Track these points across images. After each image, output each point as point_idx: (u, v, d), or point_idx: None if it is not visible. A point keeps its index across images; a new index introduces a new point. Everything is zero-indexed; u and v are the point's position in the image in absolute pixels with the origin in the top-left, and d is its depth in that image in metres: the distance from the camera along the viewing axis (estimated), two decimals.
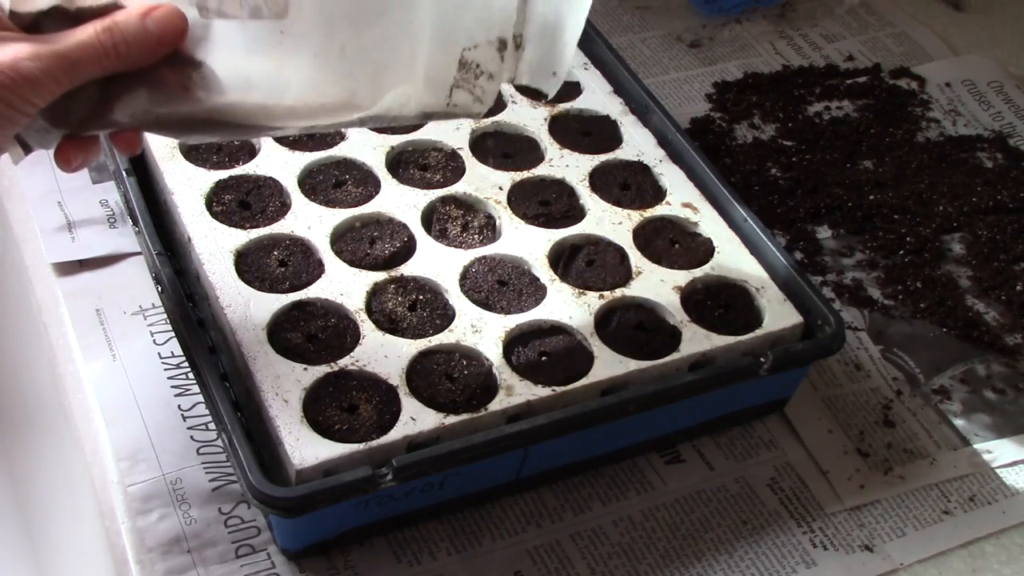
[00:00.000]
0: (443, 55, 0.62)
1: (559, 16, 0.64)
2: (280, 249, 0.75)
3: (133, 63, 0.58)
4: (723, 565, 0.71)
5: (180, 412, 0.73)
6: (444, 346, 0.70)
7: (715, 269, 0.78)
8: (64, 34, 0.57)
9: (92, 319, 0.78)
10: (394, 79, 0.62)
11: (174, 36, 0.58)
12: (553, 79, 0.65)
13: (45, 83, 0.55)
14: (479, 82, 0.63)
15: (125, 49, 0.57)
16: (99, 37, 0.56)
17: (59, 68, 0.55)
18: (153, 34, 0.58)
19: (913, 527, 0.74)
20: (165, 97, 0.60)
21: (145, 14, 0.57)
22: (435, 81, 0.63)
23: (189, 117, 0.61)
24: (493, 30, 0.63)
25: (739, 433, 0.78)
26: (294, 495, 0.62)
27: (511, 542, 0.70)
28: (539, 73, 0.65)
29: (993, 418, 0.82)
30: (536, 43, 0.64)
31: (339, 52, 0.61)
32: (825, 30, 1.17)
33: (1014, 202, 0.98)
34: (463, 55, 0.62)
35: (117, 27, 0.57)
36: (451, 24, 0.62)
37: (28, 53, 0.54)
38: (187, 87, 0.60)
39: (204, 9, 0.58)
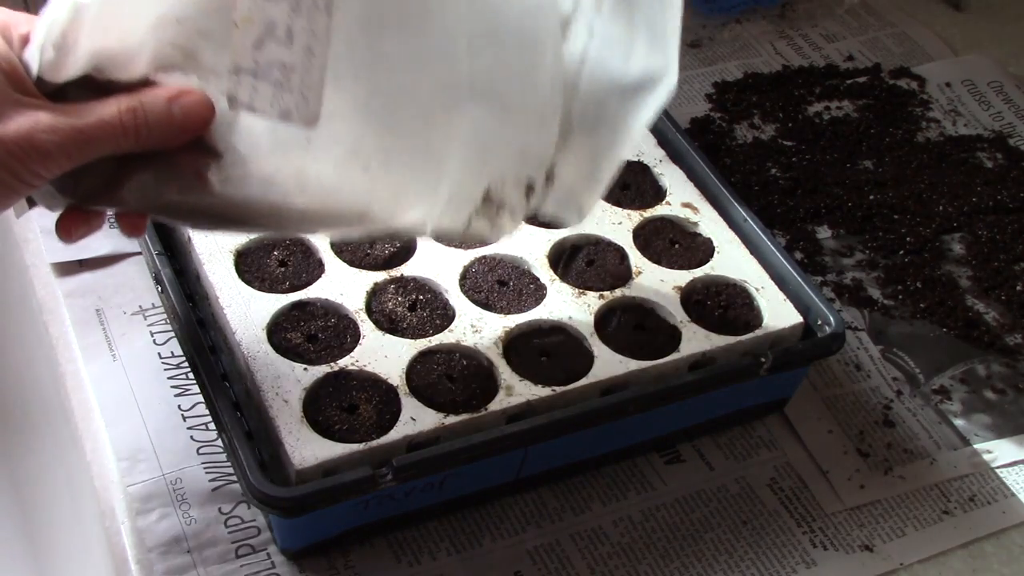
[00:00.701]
0: (468, 184, 0.61)
1: (596, 156, 0.62)
2: (280, 249, 0.75)
3: (152, 146, 0.55)
4: (723, 565, 0.71)
5: (180, 412, 0.73)
6: (444, 346, 0.70)
7: (715, 269, 0.78)
8: (86, 107, 0.54)
9: (92, 319, 0.78)
10: (414, 201, 0.61)
11: (199, 124, 0.56)
12: (577, 214, 0.64)
13: (57, 158, 0.53)
14: (500, 217, 0.62)
15: (146, 132, 0.54)
16: (121, 116, 0.54)
17: (74, 144, 0.53)
18: (178, 120, 0.55)
19: (913, 527, 0.74)
20: (179, 184, 0.57)
21: (173, 98, 0.55)
22: (455, 207, 0.61)
23: (198, 207, 0.58)
24: (524, 170, 0.62)
25: (739, 433, 0.78)
26: (294, 495, 0.62)
27: (511, 542, 0.70)
28: (565, 206, 0.64)
29: (993, 418, 0.82)
30: (569, 178, 0.63)
31: (363, 168, 0.59)
32: (825, 30, 1.17)
33: (1014, 202, 0.98)
34: (489, 189, 0.61)
35: (142, 108, 0.54)
36: (482, 160, 0.60)
37: (46, 125, 0.52)
38: (203, 177, 0.57)
39: (234, 101, 0.56)
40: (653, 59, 0.61)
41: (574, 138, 0.62)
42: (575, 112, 0.62)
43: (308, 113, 0.56)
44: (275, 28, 0.55)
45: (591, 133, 0.63)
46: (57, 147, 0.52)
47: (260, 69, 0.55)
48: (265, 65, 0.55)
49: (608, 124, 0.62)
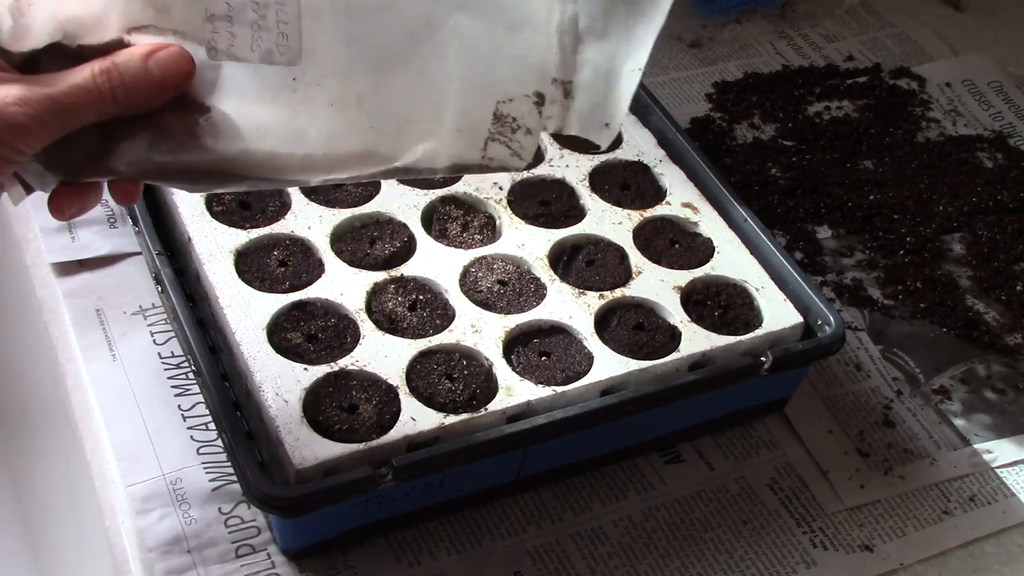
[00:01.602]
0: (474, 108, 0.58)
1: (613, 64, 0.59)
2: (280, 249, 0.75)
3: (133, 108, 0.53)
4: (723, 565, 0.71)
5: (180, 412, 0.73)
6: (444, 346, 0.70)
7: (715, 269, 0.78)
8: (59, 75, 0.52)
9: (92, 319, 0.78)
10: (419, 132, 0.58)
11: (179, 79, 0.54)
12: (606, 130, 0.60)
13: (34, 130, 0.50)
14: (516, 136, 0.59)
15: (124, 93, 0.52)
16: (96, 80, 0.52)
17: (49, 114, 0.51)
18: (156, 77, 0.53)
19: (913, 527, 0.74)
20: (169, 144, 0.55)
21: (148, 55, 0.53)
22: (467, 134, 0.58)
23: (194, 166, 0.56)
24: (528, 84, 0.59)
25: (739, 433, 0.78)
26: (294, 495, 0.62)
27: (511, 542, 0.70)
28: (590, 124, 0.60)
29: (993, 418, 0.82)
30: (587, 92, 0.59)
31: (357, 103, 0.56)
32: (825, 30, 1.17)
33: (1014, 202, 0.98)
34: (497, 108, 0.58)
35: (116, 69, 0.52)
36: (481, 77, 0.58)
37: (16, 97, 0.50)
38: (194, 134, 0.55)
39: (213, 50, 0.54)
40: None
41: (585, 50, 0.59)
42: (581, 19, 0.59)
43: (289, 51, 0.55)
44: None
45: (602, 39, 0.59)
46: (32, 119, 0.50)
47: (234, 12, 0.54)
48: (238, 7, 0.54)
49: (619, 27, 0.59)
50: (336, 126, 0.57)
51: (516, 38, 0.58)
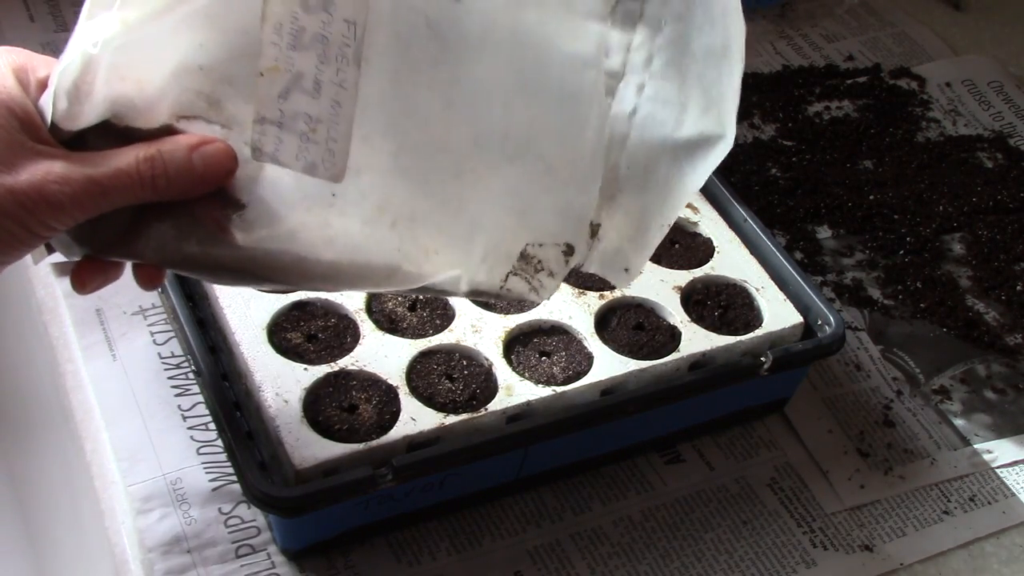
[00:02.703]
0: (504, 246, 0.59)
1: (645, 215, 0.60)
2: None
3: (171, 197, 0.53)
4: (723, 565, 0.71)
5: (180, 412, 0.73)
6: (444, 346, 0.70)
7: (715, 269, 0.78)
8: (103, 156, 0.51)
9: (92, 319, 0.78)
10: (446, 262, 0.58)
11: (221, 175, 0.53)
12: (624, 275, 0.62)
13: (70, 209, 0.50)
14: (539, 276, 0.60)
15: (165, 183, 0.52)
16: (139, 166, 0.51)
17: (88, 195, 0.50)
18: (198, 170, 0.52)
19: (913, 527, 0.74)
20: (199, 236, 0.54)
21: (194, 147, 0.52)
22: (491, 266, 0.59)
23: (220, 262, 0.55)
24: (562, 236, 0.59)
25: (739, 433, 0.78)
26: (294, 495, 0.62)
27: (511, 542, 0.70)
28: (611, 266, 0.61)
29: (993, 418, 0.82)
30: (615, 237, 0.60)
31: (391, 225, 0.56)
32: (825, 30, 1.17)
33: (1014, 202, 0.98)
34: (526, 248, 0.59)
35: (161, 157, 0.52)
36: (518, 222, 0.58)
37: (57, 176, 0.49)
38: (224, 229, 0.54)
39: (258, 151, 0.54)
40: (707, 120, 0.58)
41: (622, 198, 0.60)
42: (622, 171, 0.60)
43: (334, 167, 0.54)
44: (302, 79, 0.53)
45: (640, 193, 0.60)
46: (69, 198, 0.50)
47: (285, 120, 0.53)
48: (290, 116, 0.53)
49: (658, 185, 0.60)
50: (366, 243, 0.57)
51: (559, 191, 0.59)
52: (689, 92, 0.58)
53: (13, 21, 0.99)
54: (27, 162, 0.50)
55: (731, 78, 0.57)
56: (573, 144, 0.58)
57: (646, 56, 0.58)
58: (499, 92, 0.56)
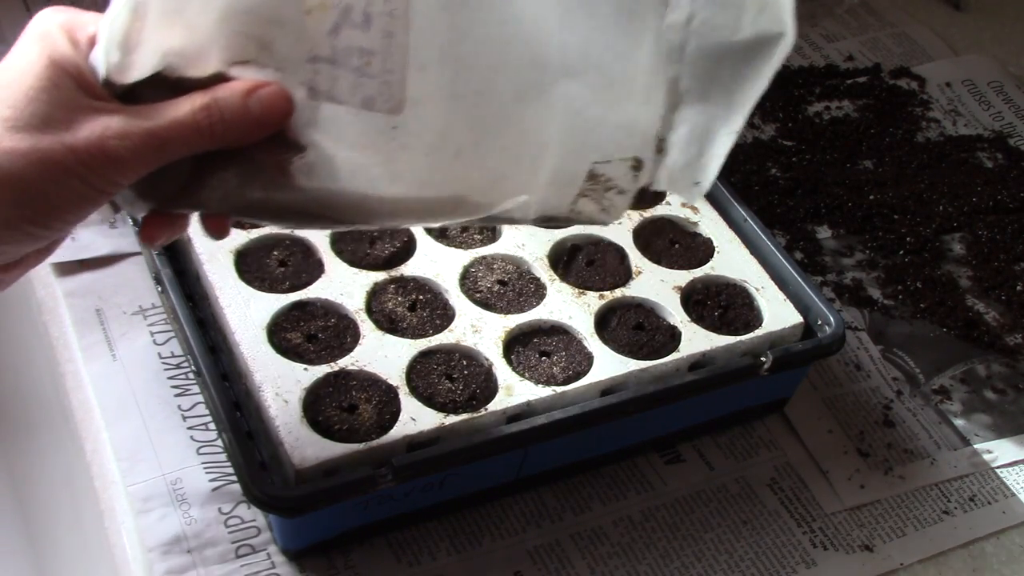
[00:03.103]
0: (571, 166, 0.58)
1: (711, 125, 0.59)
2: (280, 249, 0.75)
3: (230, 143, 0.52)
4: (723, 565, 0.71)
5: (180, 412, 0.73)
6: (444, 346, 0.70)
7: (715, 269, 0.78)
8: (158, 108, 0.51)
9: (92, 319, 0.78)
10: (513, 186, 0.57)
11: (277, 118, 0.52)
12: (696, 188, 0.60)
13: (131, 163, 0.50)
14: (608, 195, 0.59)
15: (222, 130, 0.51)
16: (196, 115, 0.51)
17: (148, 148, 0.50)
18: (255, 115, 0.52)
19: (913, 527, 0.74)
20: (261, 182, 0.54)
21: (249, 92, 0.51)
22: (559, 188, 0.58)
23: (284, 205, 0.55)
24: (629, 149, 0.58)
25: (739, 433, 0.78)
26: (294, 495, 0.62)
27: (511, 542, 0.70)
28: (680, 181, 0.60)
29: (993, 418, 0.82)
30: (682, 151, 0.59)
31: (455, 154, 0.55)
32: (825, 30, 1.17)
33: (1014, 202, 0.98)
34: (593, 167, 0.58)
35: (216, 105, 0.51)
36: (583, 139, 0.57)
37: (116, 131, 0.49)
38: (286, 172, 0.54)
39: (313, 91, 0.53)
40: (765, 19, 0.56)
41: (685, 109, 0.58)
42: (683, 82, 0.58)
43: (392, 100, 0.53)
44: (351, 12, 0.51)
45: (703, 103, 0.58)
46: (130, 152, 0.50)
47: (338, 56, 0.52)
48: (343, 52, 0.52)
49: (721, 90, 0.58)
50: (431, 175, 0.56)
51: (622, 105, 0.57)
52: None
53: (13, 21, 0.99)
54: (85, 119, 0.49)
55: None
56: (632, 55, 0.57)
57: None
58: (553, 9, 0.55)
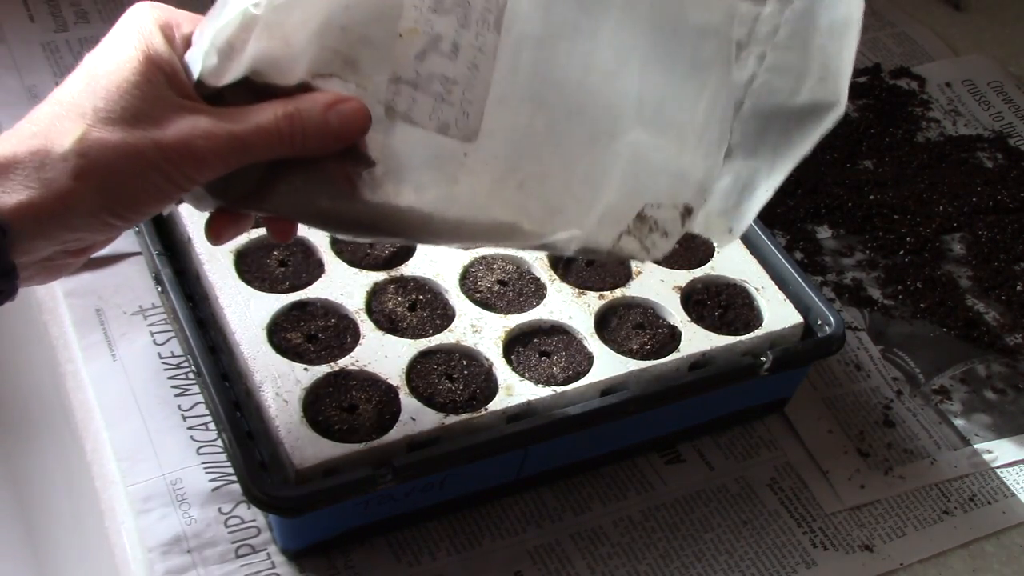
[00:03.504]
0: (623, 206, 0.60)
1: (753, 179, 0.61)
2: (280, 249, 0.75)
3: (307, 153, 0.54)
4: (723, 565, 0.71)
5: (180, 412, 0.73)
6: (444, 346, 0.70)
7: (715, 269, 0.78)
8: (243, 112, 0.53)
9: (92, 319, 0.78)
10: (567, 220, 0.60)
11: (355, 133, 0.54)
12: (728, 236, 0.63)
13: (213, 163, 0.52)
14: (652, 236, 0.61)
15: (302, 139, 0.53)
16: (279, 123, 0.52)
17: (230, 149, 0.52)
18: (334, 128, 0.53)
19: (913, 527, 0.74)
20: (328, 191, 0.56)
21: (331, 105, 0.53)
22: (607, 227, 0.60)
23: (349, 216, 0.57)
24: (682, 197, 0.60)
25: (739, 433, 0.78)
26: (294, 495, 0.62)
27: (511, 542, 0.70)
28: (715, 227, 0.62)
29: (993, 418, 0.82)
30: (722, 199, 0.61)
31: (518, 185, 0.58)
32: None
33: (1014, 202, 0.98)
34: (644, 209, 0.60)
35: (299, 115, 0.53)
36: (642, 184, 0.59)
37: (203, 131, 0.51)
38: (354, 185, 0.56)
39: (391, 111, 0.55)
40: (823, 88, 0.59)
41: (732, 162, 0.61)
42: (734, 137, 0.61)
43: (467, 128, 0.55)
44: (440, 41, 0.53)
45: (750, 158, 0.61)
46: (214, 153, 0.51)
47: (421, 80, 0.54)
48: (426, 77, 0.54)
49: (768, 149, 0.61)
50: (492, 202, 0.58)
51: (683, 154, 0.60)
52: (810, 63, 0.59)
53: (13, 21, 0.99)
54: (174, 117, 0.51)
55: (850, 50, 0.59)
56: (701, 112, 0.59)
57: (772, 27, 0.59)
58: (636, 57, 0.57)
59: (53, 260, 0.54)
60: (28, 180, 0.49)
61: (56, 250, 0.53)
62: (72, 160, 0.49)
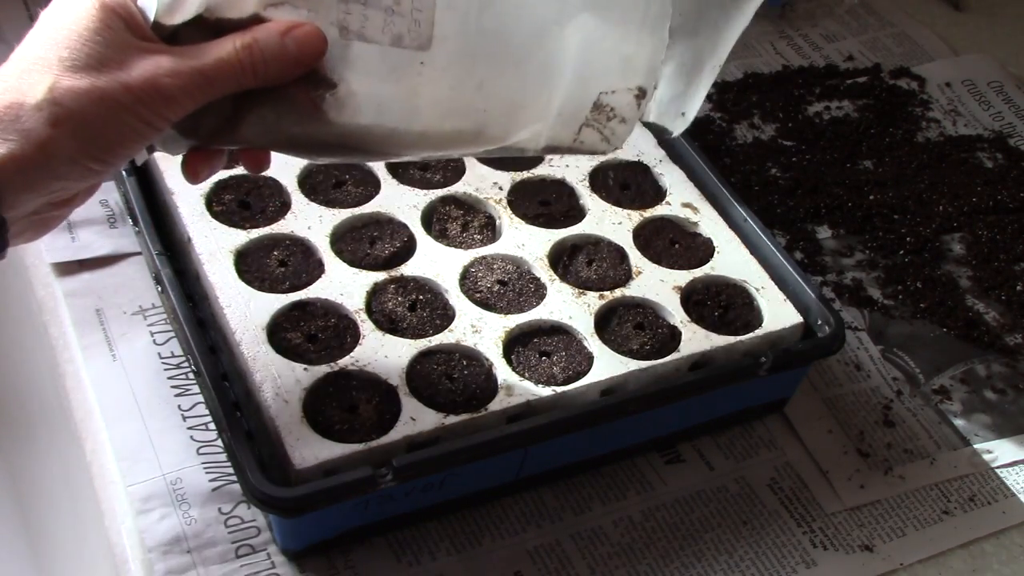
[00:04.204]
0: (579, 95, 0.61)
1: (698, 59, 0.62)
2: (280, 249, 0.75)
3: (269, 81, 0.56)
4: (723, 565, 0.71)
5: (180, 412, 0.73)
6: (444, 346, 0.70)
7: (715, 269, 0.78)
8: (203, 48, 0.54)
9: (92, 319, 0.78)
10: (528, 117, 0.61)
11: (313, 56, 0.56)
12: (681, 119, 0.64)
13: (181, 100, 0.53)
14: (610, 124, 0.62)
15: (263, 68, 0.55)
16: (239, 54, 0.54)
17: (196, 85, 0.54)
18: (292, 53, 0.55)
19: (913, 527, 0.74)
20: (296, 117, 0.58)
21: (285, 32, 0.55)
22: (567, 119, 0.62)
23: (318, 138, 0.59)
24: (635, 79, 0.61)
25: (739, 433, 0.78)
26: (294, 495, 0.62)
27: (511, 542, 0.70)
28: (668, 112, 0.64)
29: (993, 418, 0.82)
30: (670, 83, 0.63)
31: (477, 88, 0.59)
32: (825, 30, 1.17)
33: (1014, 202, 0.98)
34: (599, 97, 0.61)
35: (257, 44, 0.54)
36: (594, 69, 0.61)
37: (167, 69, 0.53)
38: (319, 108, 0.57)
39: (345, 30, 0.56)
40: None
41: (675, 45, 0.62)
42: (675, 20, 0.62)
43: (420, 37, 0.57)
44: None
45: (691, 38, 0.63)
46: (180, 90, 0.53)
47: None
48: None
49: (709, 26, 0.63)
50: (454, 107, 0.60)
51: (630, 36, 0.61)
52: None
53: (13, 21, 0.99)
54: (137, 59, 0.53)
55: None
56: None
57: None
58: None
59: (40, 214, 0.55)
60: (6, 134, 0.51)
61: (42, 202, 0.54)
62: (47, 109, 0.51)
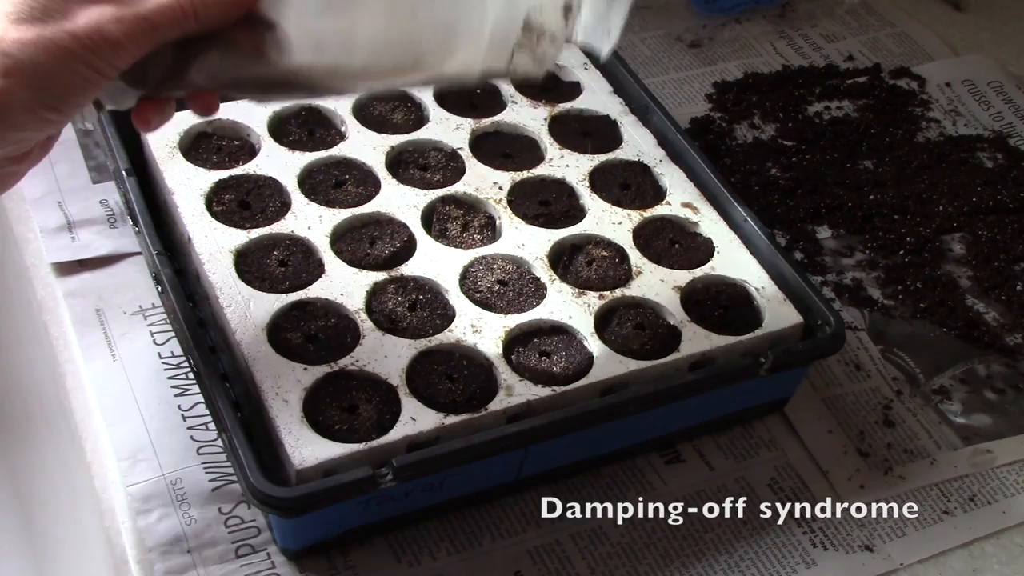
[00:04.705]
0: (508, 16, 0.63)
1: None
2: (280, 249, 0.75)
3: (210, 25, 0.58)
4: (723, 565, 0.71)
5: (180, 412, 0.73)
6: (444, 346, 0.70)
7: (715, 269, 0.78)
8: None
9: (92, 319, 0.78)
10: (462, 42, 0.63)
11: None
12: (607, 39, 0.66)
13: (127, 47, 0.55)
14: (541, 44, 0.64)
15: (204, 12, 0.57)
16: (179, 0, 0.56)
17: (141, 32, 0.55)
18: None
19: (913, 527, 0.74)
20: (239, 59, 0.60)
21: None
22: (498, 42, 0.63)
23: (264, 79, 0.61)
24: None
25: (739, 433, 0.78)
26: (294, 495, 0.62)
27: (511, 542, 0.70)
28: (594, 32, 0.66)
29: (993, 418, 0.82)
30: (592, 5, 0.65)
31: (410, 14, 0.61)
32: (825, 30, 1.17)
33: (1014, 202, 0.98)
34: (528, 16, 0.63)
35: None
36: None
37: (111, 16, 0.54)
38: (260, 49, 0.59)
39: None
40: None
41: None
42: None
43: None
44: None
45: None
46: (126, 36, 0.54)
47: None
48: None
49: None
50: (391, 37, 0.62)
51: None
52: None
53: None
54: (80, 8, 0.54)
55: None
56: None
57: None
58: None
59: None
60: None
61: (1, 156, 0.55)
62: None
